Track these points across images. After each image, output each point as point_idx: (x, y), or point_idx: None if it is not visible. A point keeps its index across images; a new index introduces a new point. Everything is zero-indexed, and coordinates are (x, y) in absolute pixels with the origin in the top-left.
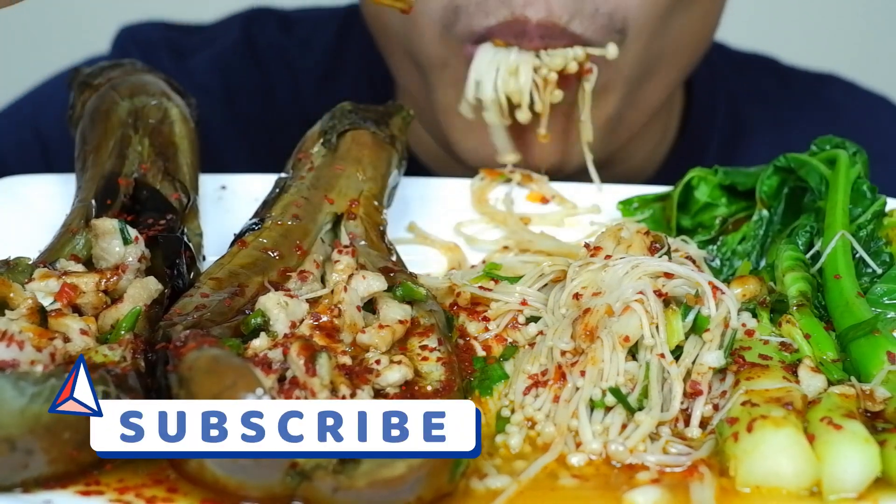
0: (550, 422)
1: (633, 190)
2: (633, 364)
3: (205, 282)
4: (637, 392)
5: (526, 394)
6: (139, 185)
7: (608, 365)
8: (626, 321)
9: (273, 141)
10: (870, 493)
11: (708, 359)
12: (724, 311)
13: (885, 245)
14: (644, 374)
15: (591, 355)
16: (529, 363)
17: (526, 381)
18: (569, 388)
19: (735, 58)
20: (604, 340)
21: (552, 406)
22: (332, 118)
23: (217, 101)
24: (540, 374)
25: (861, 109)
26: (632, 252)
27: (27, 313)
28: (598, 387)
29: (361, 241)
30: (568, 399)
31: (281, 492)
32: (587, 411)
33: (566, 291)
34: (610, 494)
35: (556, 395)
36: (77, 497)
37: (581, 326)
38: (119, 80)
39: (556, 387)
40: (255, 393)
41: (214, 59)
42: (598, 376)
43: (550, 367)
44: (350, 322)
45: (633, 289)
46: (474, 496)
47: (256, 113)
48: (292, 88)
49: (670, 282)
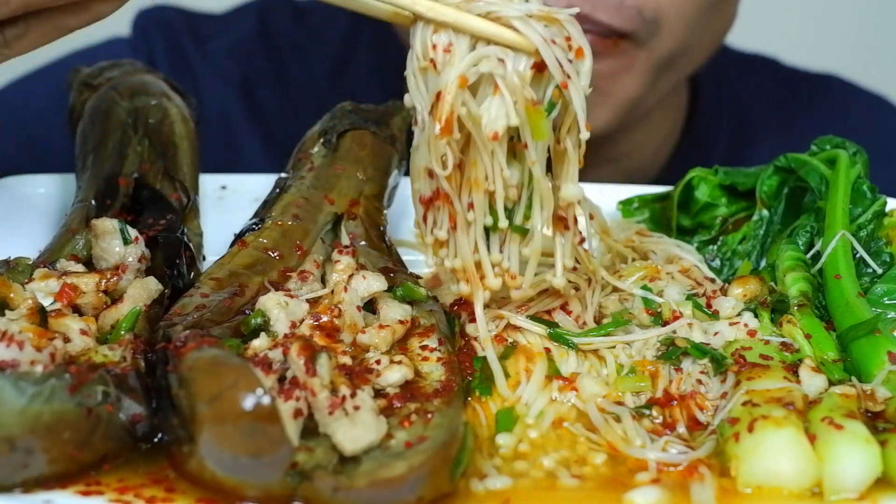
0: (457, 258)
1: (633, 190)
2: (514, 171)
3: (205, 282)
4: (523, 205)
5: (425, 221)
6: (139, 185)
7: (493, 178)
8: (488, 105)
9: (287, 130)
10: (870, 493)
11: (566, 192)
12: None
13: (886, 245)
14: (527, 181)
15: (473, 177)
16: (417, 178)
17: (420, 207)
18: (461, 218)
19: (738, 58)
20: (474, 136)
21: (451, 234)
22: (332, 118)
23: (235, 87)
24: (430, 197)
25: (861, 110)
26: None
27: (27, 313)
28: (487, 215)
29: (361, 241)
30: (465, 230)
31: (281, 491)
32: (485, 242)
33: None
34: (610, 494)
35: (451, 217)
36: (77, 497)
37: (436, 117)
38: (119, 80)
39: (448, 210)
40: (255, 393)
41: (232, 46)
42: (485, 202)
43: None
44: (350, 322)
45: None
46: (474, 496)
47: (272, 100)
48: (306, 77)
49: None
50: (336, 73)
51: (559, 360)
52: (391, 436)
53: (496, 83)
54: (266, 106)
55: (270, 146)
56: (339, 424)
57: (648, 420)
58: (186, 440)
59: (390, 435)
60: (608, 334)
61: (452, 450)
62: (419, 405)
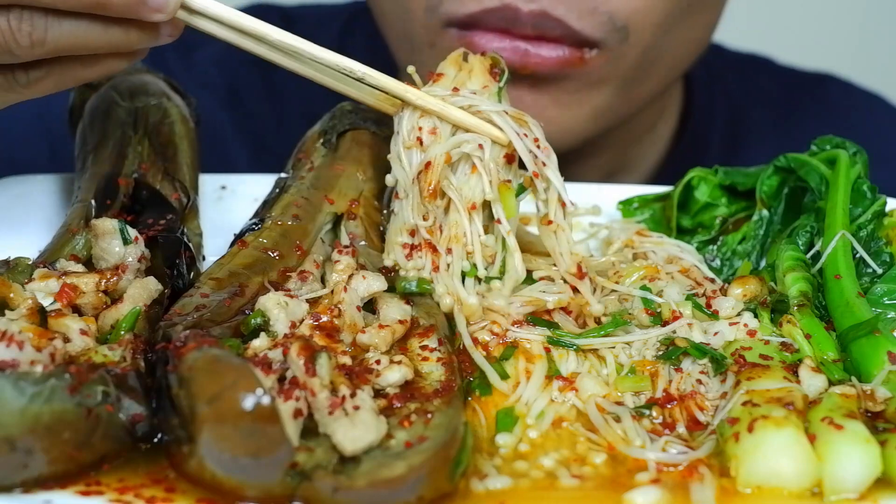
0: (444, 288)
1: (633, 190)
2: (490, 237)
3: (205, 282)
4: (497, 264)
5: (409, 259)
6: (139, 185)
7: (470, 238)
8: (466, 180)
9: (276, 138)
10: (870, 493)
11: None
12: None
13: (886, 245)
14: (501, 247)
15: (453, 234)
16: (398, 234)
17: (402, 250)
18: (442, 262)
19: (732, 58)
20: (454, 201)
21: (434, 275)
22: (332, 118)
23: (221, 97)
24: (412, 245)
25: (858, 109)
26: (474, 77)
27: (27, 313)
28: (465, 260)
29: (361, 241)
30: (445, 272)
31: (281, 491)
32: (460, 282)
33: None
34: (610, 494)
35: (434, 263)
36: (77, 497)
37: (425, 183)
38: (119, 80)
39: (430, 257)
40: (255, 393)
41: (218, 55)
42: (463, 252)
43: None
44: (350, 322)
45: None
46: (474, 496)
47: (260, 110)
48: (295, 86)
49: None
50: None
51: (559, 360)
52: (391, 436)
53: (474, 164)
54: (254, 114)
55: (259, 154)
56: (339, 424)
57: (648, 420)
58: (186, 440)
59: (390, 435)
60: (608, 334)
61: (452, 450)
62: (419, 405)
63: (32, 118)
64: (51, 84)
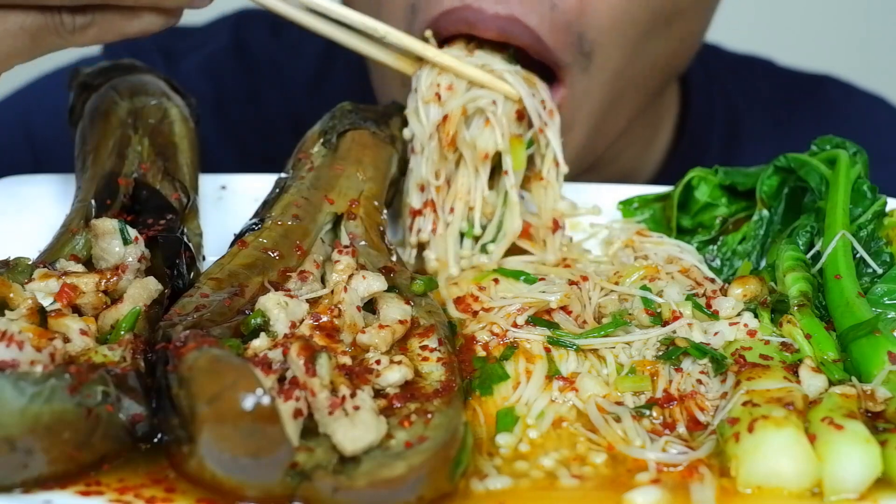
0: (434, 254)
1: (634, 190)
2: (492, 193)
3: (205, 282)
4: (495, 222)
5: (411, 229)
6: (139, 185)
7: (474, 193)
8: (480, 133)
9: (263, 146)
10: (870, 493)
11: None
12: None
13: (886, 245)
14: (502, 201)
15: (459, 188)
16: (408, 195)
17: (409, 217)
18: (441, 223)
19: (731, 59)
20: (465, 157)
21: (431, 236)
22: (332, 118)
23: (207, 105)
24: (419, 209)
25: (858, 110)
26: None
27: (27, 313)
28: (464, 221)
29: (361, 241)
30: (443, 232)
31: (281, 491)
32: (457, 242)
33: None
34: (610, 494)
35: (434, 224)
36: (77, 497)
37: (444, 133)
38: (119, 80)
39: (432, 217)
40: (255, 393)
41: (204, 63)
42: (465, 211)
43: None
44: (350, 322)
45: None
46: (474, 496)
47: (246, 118)
48: (282, 93)
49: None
50: (314, 87)
51: (559, 360)
52: (391, 436)
53: (487, 118)
54: (239, 122)
55: (244, 162)
56: (339, 424)
57: (648, 420)
58: (186, 440)
59: (390, 435)
60: (608, 334)
61: (452, 450)
62: (419, 405)
63: (14, 125)
64: (93, 34)
